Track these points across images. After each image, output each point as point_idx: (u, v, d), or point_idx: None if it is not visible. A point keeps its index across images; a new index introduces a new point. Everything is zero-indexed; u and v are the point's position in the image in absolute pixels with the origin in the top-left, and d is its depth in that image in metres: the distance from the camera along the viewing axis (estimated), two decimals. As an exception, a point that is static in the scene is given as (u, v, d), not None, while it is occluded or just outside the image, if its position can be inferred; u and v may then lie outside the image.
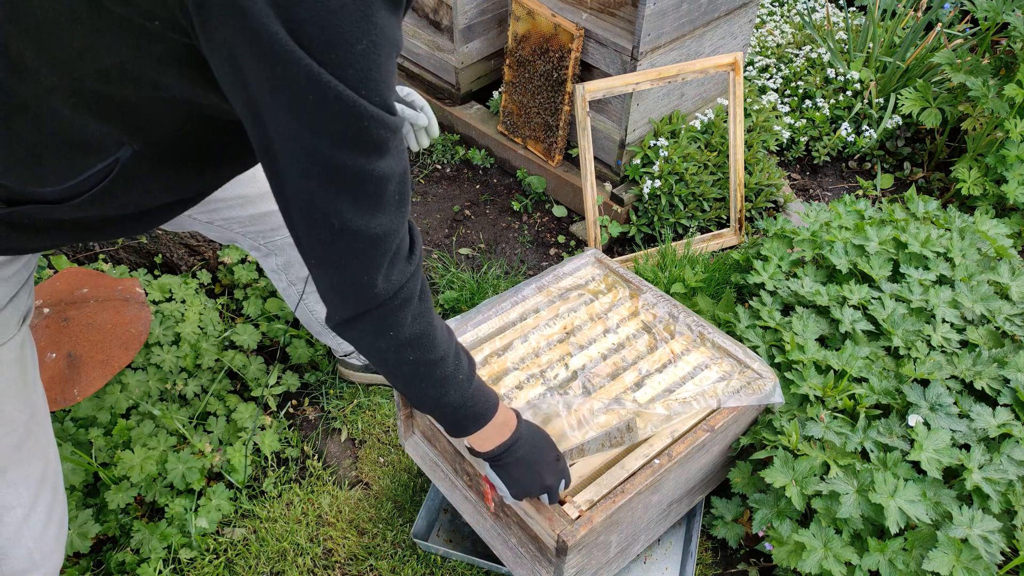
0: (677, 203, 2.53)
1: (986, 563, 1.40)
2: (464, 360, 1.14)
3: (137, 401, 1.87)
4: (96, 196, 0.97)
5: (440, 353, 1.07)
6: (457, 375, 1.11)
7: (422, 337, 1.03)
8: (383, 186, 0.86)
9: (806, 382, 1.69)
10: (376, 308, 0.96)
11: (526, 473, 1.27)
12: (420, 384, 1.10)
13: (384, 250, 0.92)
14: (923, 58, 3.00)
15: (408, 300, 0.99)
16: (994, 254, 2.10)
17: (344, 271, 0.92)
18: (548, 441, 1.32)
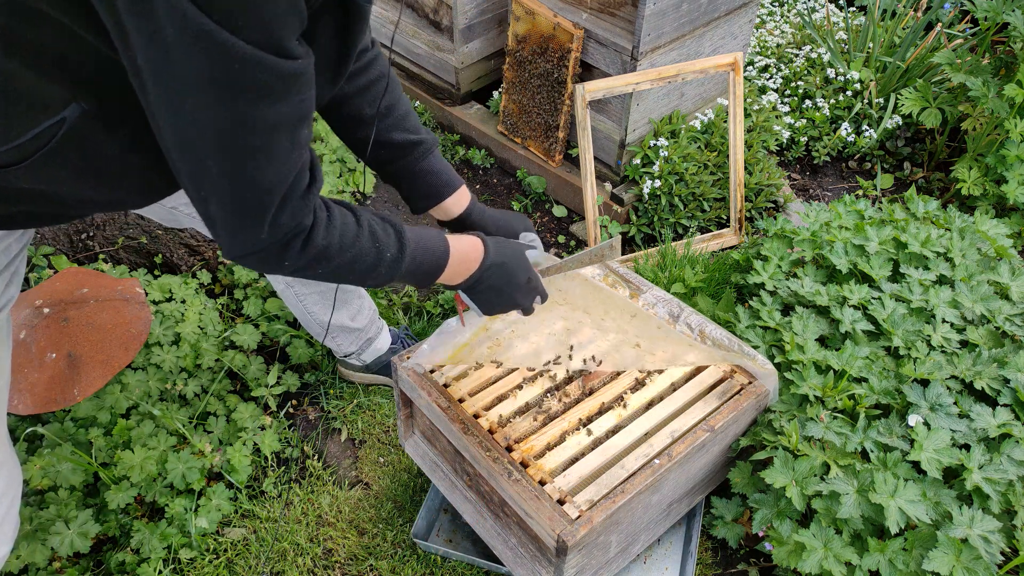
0: (677, 203, 2.53)
1: (986, 563, 1.40)
2: (387, 238, 1.11)
3: (137, 401, 1.87)
4: (47, 158, 0.94)
5: (352, 253, 1.06)
6: (383, 256, 1.10)
7: (322, 253, 1.02)
8: (269, 135, 0.82)
9: (806, 382, 1.69)
10: (263, 249, 0.95)
11: (498, 296, 1.30)
12: (347, 279, 1.10)
13: (269, 200, 0.90)
14: (923, 58, 3.00)
15: (298, 234, 0.97)
16: (994, 254, 2.10)
17: (226, 212, 0.90)
18: (520, 262, 1.31)
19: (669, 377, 1.62)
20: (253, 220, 0.91)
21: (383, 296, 2.38)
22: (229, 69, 0.74)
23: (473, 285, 1.26)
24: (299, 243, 0.98)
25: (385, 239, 1.11)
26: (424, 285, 1.21)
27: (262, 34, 0.74)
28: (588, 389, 1.60)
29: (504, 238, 1.34)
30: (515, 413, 1.56)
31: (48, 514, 1.67)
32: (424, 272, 1.18)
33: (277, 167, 0.87)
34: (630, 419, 1.55)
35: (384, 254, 1.10)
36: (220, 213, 0.91)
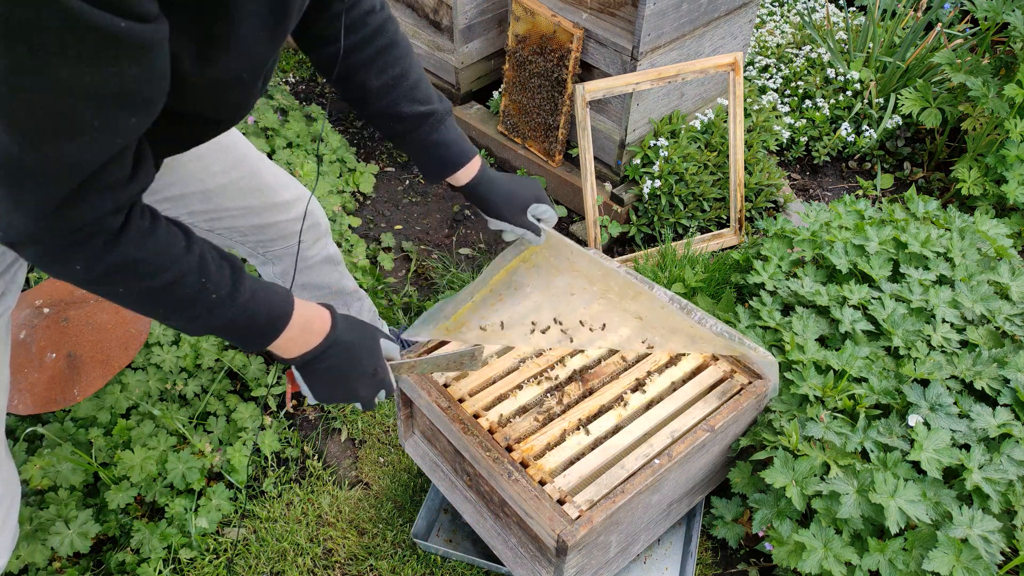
0: (677, 203, 2.53)
1: (986, 563, 1.40)
2: (222, 275, 0.96)
3: (137, 401, 1.87)
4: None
5: (168, 277, 0.90)
6: (206, 294, 0.94)
7: (132, 265, 0.87)
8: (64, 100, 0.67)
9: (806, 382, 1.69)
10: (47, 240, 0.81)
11: (335, 381, 1.13)
12: (153, 308, 0.94)
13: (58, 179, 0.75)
14: (923, 58, 3.00)
15: (98, 233, 0.82)
16: (994, 254, 2.10)
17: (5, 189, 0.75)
18: (370, 350, 1.16)
19: (669, 377, 1.62)
20: (35, 198, 0.75)
21: (383, 296, 2.39)
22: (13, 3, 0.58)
23: (310, 362, 1.09)
24: (99, 244, 0.83)
25: (217, 275, 0.96)
26: (252, 347, 1.04)
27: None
28: (588, 389, 1.60)
29: (358, 320, 1.18)
30: (515, 413, 1.56)
31: (48, 514, 1.67)
32: (255, 329, 1.01)
33: (75, 143, 0.71)
34: (630, 419, 1.55)
35: (209, 292, 0.94)
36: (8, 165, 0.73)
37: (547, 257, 1.52)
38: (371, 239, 2.64)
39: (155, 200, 1.42)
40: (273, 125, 2.74)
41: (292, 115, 2.86)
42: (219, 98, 0.91)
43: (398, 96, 1.23)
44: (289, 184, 1.60)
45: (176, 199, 1.43)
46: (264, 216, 1.55)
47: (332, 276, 1.80)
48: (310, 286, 1.77)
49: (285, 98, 2.99)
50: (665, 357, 1.66)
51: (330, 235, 1.78)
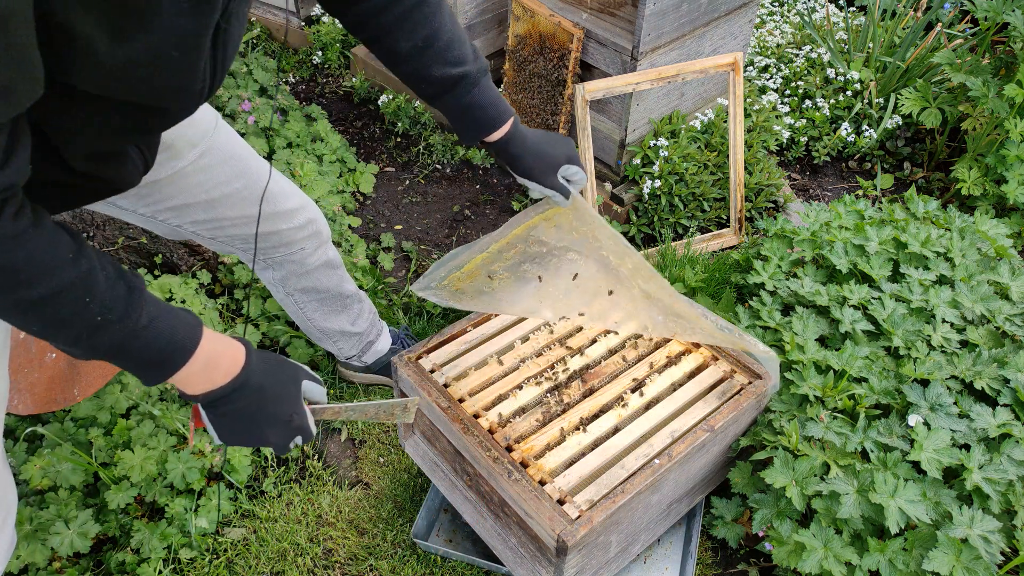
0: (677, 203, 2.53)
1: (986, 563, 1.40)
2: (114, 294, 0.87)
3: (137, 401, 1.87)
4: None
5: (45, 289, 0.81)
6: (90, 315, 0.85)
7: (3, 272, 0.78)
8: None
9: (806, 382, 1.69)
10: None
11: (242, 425, 1.03)
12: (29, 324, 0.85)
13: None
14: (923, 58, 3.00)
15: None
16: (994, 254, 2.10)
17: None
18: (286, 395, 1.06)
19: (669, 377, 1.62)
20: None
21: (383, 296, 2.39)
22: None
23: (215, 402, 0.99)
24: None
25: (106, 294, 0.86)
26: (148, 380, 0.95)
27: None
28: (588, 389, 1.60)
29: (279, 357, 1.10)
30: (515, 413, 1.56)
31: (48, 514, 1.67)
32: (149, 360, 0.92)
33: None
34: (630, 419, 1.55)
35: (93, 312, 0.85)
36: None
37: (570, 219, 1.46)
38: (371, 239, 2.64)
39: (158, 210, 1.43)
40: (273, 125, 2.74)
41: (292, 115, 2.86)
42: (147, 82, 0.81)
43: (429, 59, 1.17)
44: (292, 193, 1.60)
45: (179, 209, 1.43)
46: (265, 225, 1.55)
47: (332, 280, 1.80)
48: (310, 290, 1.77)
49: (285, 98, 2.99)
50: (665, 356, 1.66)
51: (330, 241, 1.79)
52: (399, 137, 3.08)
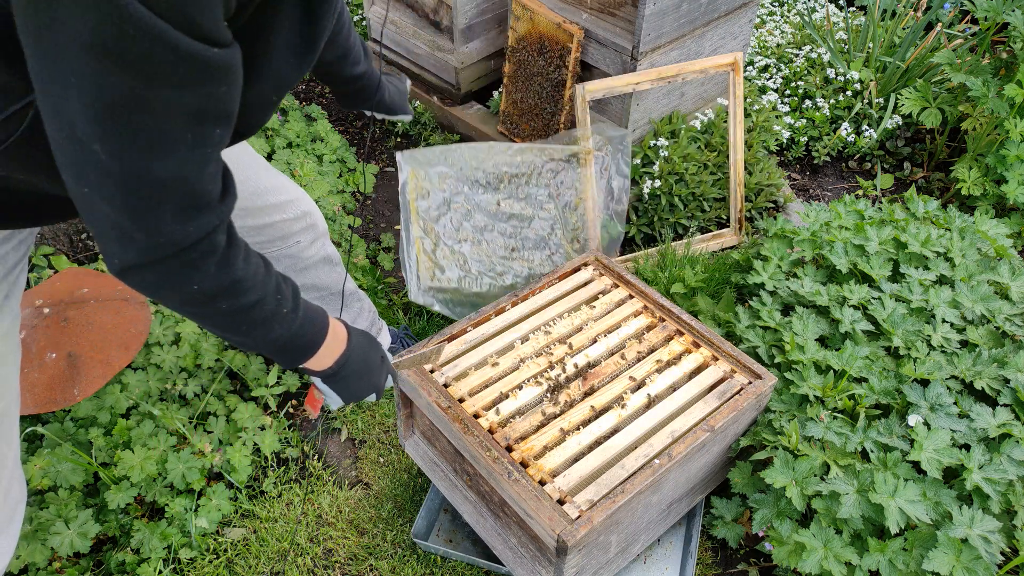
0: (677, 203, 2.53)
1: (986, 563, 1.40)
2: (287, 292, 1.04)
3: (137, 401, 1.87)
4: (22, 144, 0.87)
5: (257, 295, 0.97)
6: (280, 310, 1.02)
7: (235, 285, 0.92)
8: (165, 119, 0.72)
9: (806, 382, 1.69)
10: (167, 258, 0.84)
11: (360, 381, 1.23)
12: (239, 328, 1.00)
13: (168, 195, 0.79)
14: (923, 58, 3.00)
15: (211, 252, 0.87)
16: (994, 254, 2.10)
17: (115, 208, 0.78)
18: (373, 342, 1.27)
19: (669, 377, 1.62)
20: (149, 218, 0.79)
21: (383, 296, 2.39)
22: (123, 34, 0.63)
23: (337, 371, 1.19)
24: (212, 265, 0.88)
25: (287, 292, 1.03)
26: (299, 360, 1.11)
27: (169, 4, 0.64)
28: (588, 389, 1.60)
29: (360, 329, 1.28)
30: (515, 413, 1.56)
31: (48, 514, 1.67)
32: (305, 342, 1.10)
33: (176, 160, 0.76)
34: (630, 419, 1.55)
35: (282, 308, 1.01)
36: (109, 209, 0.78)
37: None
38: (371, 239, 2.64)
39: None
40: (273, 125, 2.74)
41: (292, 115, 2.86)
42: (248, 116, 0.95)
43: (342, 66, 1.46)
44: (286, 185, 1.62)
45: None
46: (260, 217, 1.55)
47: (331, 277, 1.80)
48: (309, 287, 1.78)
49: (286, 98, 2.99)
50: (665, 357, 1.66)
51: (328, 236, 1.79)
52: (399, 137, 3.08)
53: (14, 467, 1.28)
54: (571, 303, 1.79)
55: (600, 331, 1.72)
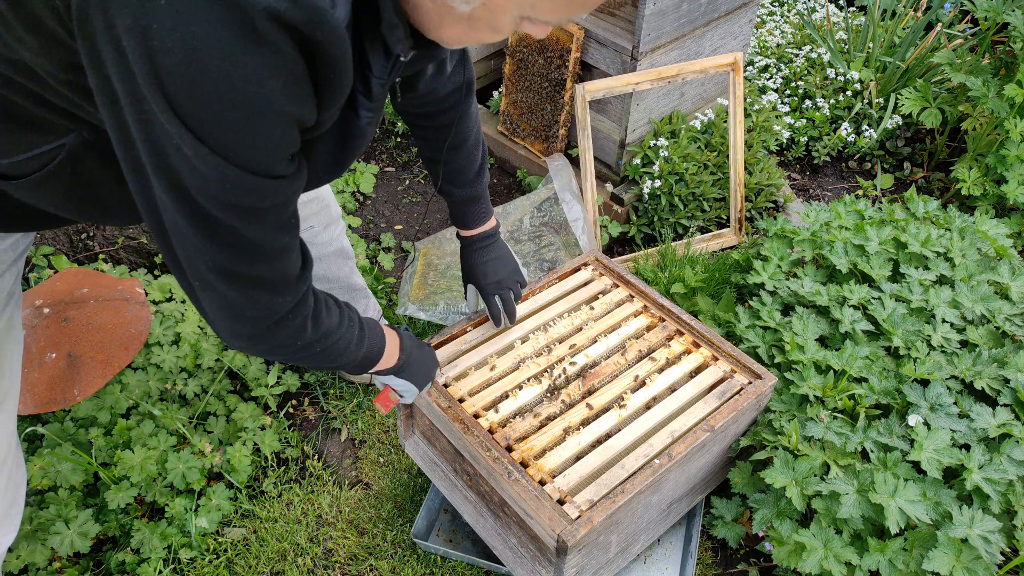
0: (677, 203, 2.53)
1: (986, 563, 1.40)
2: (354, 317, 1.18)
3: (137, 401, 1.87)
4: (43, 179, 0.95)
5: (340, 332, 1.12)
6: (354, 333, 1.16)
7: (326, 333, 1.09)
8: (255, 241, 0.87)
9: (806, 382, 1.69)
10: (272, 326, 0.98)
11: (423, 365, 1.42)
12: (334, 360, 1.15)
13: (268, 281, 0.93)
14: (923, 58, 3.00)
15: (304, 312, 1.02)
16: (994, 254, 2.10)
17: (228, 299, 0.92)
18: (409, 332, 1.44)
19: (669, 377, 1.62)
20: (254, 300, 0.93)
21: (383, 296, 2.39)
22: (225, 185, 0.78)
23: (402, 368, 1.35)
24: (308, 321, 1.03)
25: (353, 316, 1.18)
26: (366, 367, 1.26)
27: (257, 163, 0.79)
28: (588, 389, 1.60)
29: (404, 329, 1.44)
30: (515, 413, 1.56)
31: (48, 514, 1.67)
32: (378, 348, 1.25)
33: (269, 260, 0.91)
34: (630, 419, 1.54)
35: (354, 329, 1.17)
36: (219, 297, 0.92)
37: None
38: (371, 239, 2.64)
39: None
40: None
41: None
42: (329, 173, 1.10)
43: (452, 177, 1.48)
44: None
45: None
46: None
47: (343, 270, 1.81)
48: (320, 278, 1.78)
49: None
50: (665, 357, 1.66)
51: (343, 227, 1.79)
52: (399, 137, 3.08)
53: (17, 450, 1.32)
54: (571, 303, 1.79)
55: (600, 331, 1.72)
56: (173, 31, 0.66)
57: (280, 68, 0.72)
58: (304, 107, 0.79)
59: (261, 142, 0.77)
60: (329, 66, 0.76)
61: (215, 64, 0.68)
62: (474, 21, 0.80)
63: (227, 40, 0.67)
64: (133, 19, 0.66)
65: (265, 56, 0.70)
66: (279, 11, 0.67)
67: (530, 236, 2.42)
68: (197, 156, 0.74)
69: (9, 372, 1.23)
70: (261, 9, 0.66)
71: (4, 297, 1.17)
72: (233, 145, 0.75)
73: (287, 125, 0.79)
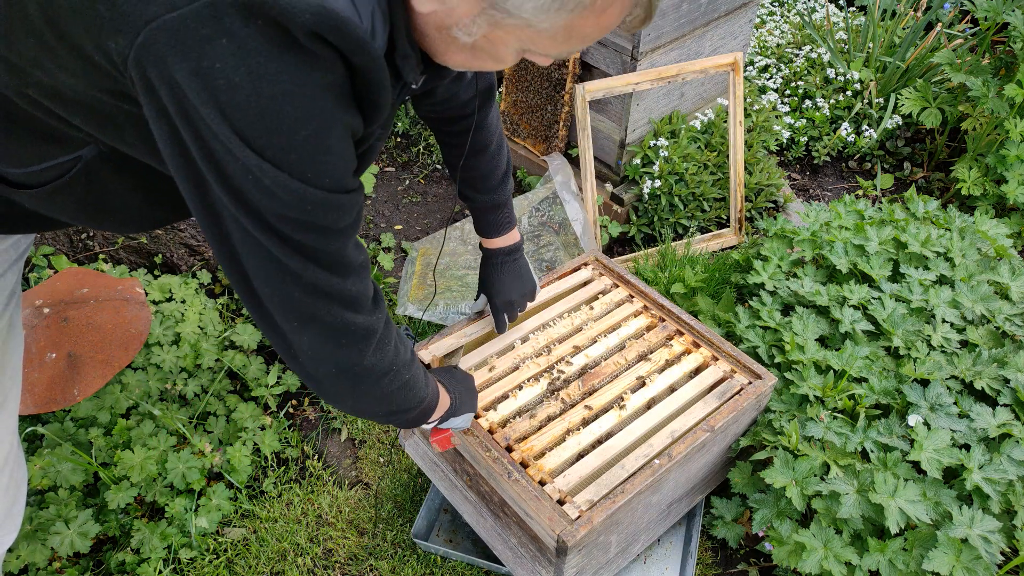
0: (677, 203, 2.53)
1: (986, 563, 1.40)
2: (420, 366, 1.18)
3: (137, 401, 1.87)
4: (57, 190, 0.96)
5: (411, 373, 1.12)
6: (421, 381, 1.17)
7: (410, 363, 1.10)
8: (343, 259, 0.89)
9: (806, 382, 1.69)
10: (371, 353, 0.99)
11: (468, 397, 1.41)
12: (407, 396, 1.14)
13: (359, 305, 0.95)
14: (923, 58, 3.00)
15: (392, 335, 1.04)
16: (994, 254, 2.10)
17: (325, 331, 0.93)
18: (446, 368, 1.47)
19: (669, 377, 1.62)
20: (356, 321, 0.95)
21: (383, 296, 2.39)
22: (303, 209, 0.81)
23: (458, 404, 1.36)
24: (399, 345, 1.05)
25: (420, 367, 1.17)
26: (422, 421, 1.26)
27: (331, 180, 0.81)
28: (588, 389, 1.60)
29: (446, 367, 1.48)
30: (515, 413, 1.56)
31: (48, 514, 1.67)
32: (428, 409, 1.24)
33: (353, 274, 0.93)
34: (630, 419, 1.55)
35: (420, 379, 1.16)
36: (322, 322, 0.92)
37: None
38: (371, 239, 2.64)
39: None
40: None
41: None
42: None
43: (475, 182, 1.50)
44: None
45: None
46: None
47: None
48: None
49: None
50: (665, 357, 1.66)
51: None
52: (399, 137, 3.08)
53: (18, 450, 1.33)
54: (571, 303, 1.79)
55: (600, 331, 1.72)
56: (239, 66, 0.69)
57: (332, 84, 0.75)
58: (356, 117, 0.81)
59: (333, 158, 0.80)
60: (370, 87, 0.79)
61: (281, 87, 0.71)
62: (477, 51, 0.83)
63: (289, 62, 0.70)
64: (196, 63, 0.68)
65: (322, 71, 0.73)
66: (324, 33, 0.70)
67: (529, 236, 2.42)
68: (277, 184, 0.77)
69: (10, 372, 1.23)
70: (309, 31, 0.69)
71: (5, 297, 1.17)
72: (310, 165, 0.78)
73: (347, 137, 0.82)
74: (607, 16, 0.76)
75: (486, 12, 0.75)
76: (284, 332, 0.92)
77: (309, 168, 0.78)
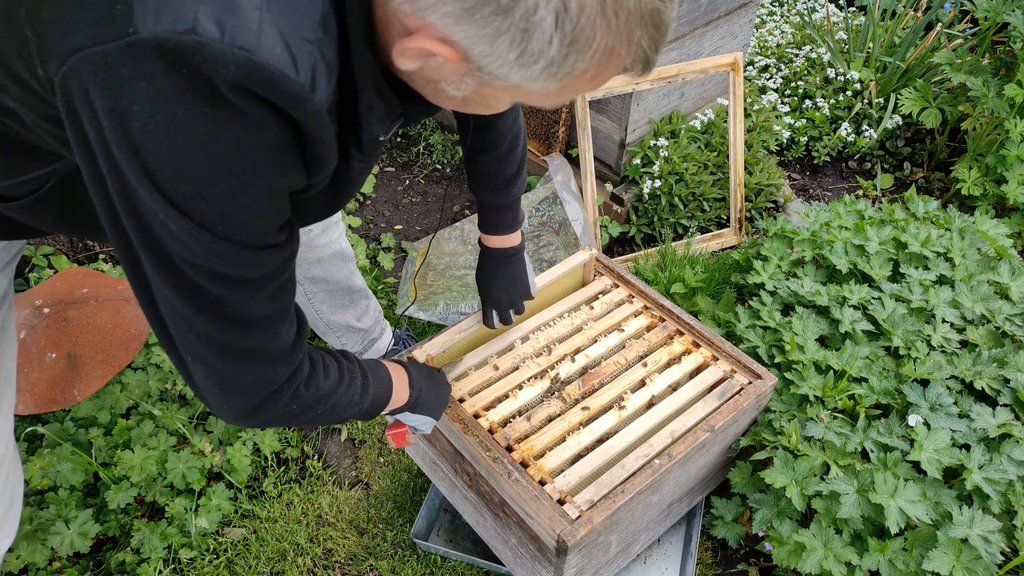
0: (677, 203, 2.53)
1: (986, 563, 1.40)
2: (354, 370, 1.16)
3: (137, 401, 1.87)
4: (35, 203, 0.96)
5: (341, 390, 1.10)
6: (353, 389, 1.14)
7: (323, 396, 1.07)
8: (247, 312, 0.86)
9: (806, 382, 1.69)
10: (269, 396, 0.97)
11: (437, 397, 1.40)
12: (338, 416, 1.14)
13: (258, 357, 0.92)
14: (923, 58, 3.00)
15: (298, 383, 1.00)
16: (994, 254, 2.10)
17: (218, 375, 0.91)
18: (416, 362, 1.44)
19: (669, 377, 1.62)
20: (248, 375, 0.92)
21: (383, 297, 2.39)
22: (210, 257, 0.77)
23: (418, 395, 1.34)
24: (301, 389, 1.01)
25: (353, 368, 1.16)
26: (376, 413, 1.25)
27: (245, 236, 0.78)
28: (588, 389, 1.60)
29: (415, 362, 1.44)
30: (515, 413, 1.56)
31: (48, 514, 1.67)
32: (385, 391, 1.23)
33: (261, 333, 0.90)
34: (630, 419, 1.54)
35: (356, 381, 1.15)
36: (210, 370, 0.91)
37: None
38: (371, 239, 2.64)
39: None
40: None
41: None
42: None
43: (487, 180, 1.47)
44: None
45: None
46: None
47: (343, 272, 1.81)
48: (319, 280, 1.78)
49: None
50: (666, 357, 1.66)
51: (342, 228, 1.79)
52: (399, 137, 3.08)
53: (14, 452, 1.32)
54: (571, 303, 1.79)
55: (600, 331, 1.72)
56: (155, 113, 0.66)
57: (263, 141, 0.71)
58: (291, 175, 0.78)
59: (248, 215, 0.76)
60: (309, 141, 0.76)
61: (196, 140, 0.68)
62: (468, 102, 0.81)
63: (209, 116, 0.67)
64: (114, 100, 0.65)
65: (247, 128, 0.70)
66: (252, 87, 0.67)
67: (529, 236, 2.42)
68: (182, 231, 0.74)
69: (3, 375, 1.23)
70: (235, 85, 0.66)
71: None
72: (220, 219, 0.74)
73: (275, 195, 0.78)
74: (601, 78, 0.74)
75: (473, 74, 0.73)
76: (182, 360, 0.90)
77: (220, 222, 0.75)
